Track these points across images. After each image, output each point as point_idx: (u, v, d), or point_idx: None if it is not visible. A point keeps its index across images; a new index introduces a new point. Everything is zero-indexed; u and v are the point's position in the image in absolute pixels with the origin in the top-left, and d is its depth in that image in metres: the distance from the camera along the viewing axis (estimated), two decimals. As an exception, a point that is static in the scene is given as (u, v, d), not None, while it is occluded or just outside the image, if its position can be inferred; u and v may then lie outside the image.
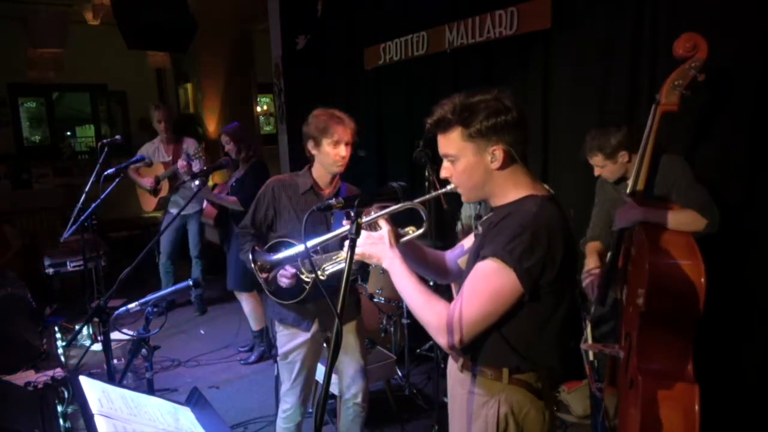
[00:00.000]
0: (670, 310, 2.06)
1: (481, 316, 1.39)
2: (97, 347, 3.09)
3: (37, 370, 2.84)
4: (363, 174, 4.13)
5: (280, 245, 2.29)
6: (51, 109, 8.66)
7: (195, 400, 1.61)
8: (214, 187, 4.31)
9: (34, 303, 3.85)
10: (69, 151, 8.72)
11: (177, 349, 4.51)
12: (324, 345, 2.70)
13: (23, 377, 2.70)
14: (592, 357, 2.52)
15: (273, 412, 2.75)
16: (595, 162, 2.53)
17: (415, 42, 4.21)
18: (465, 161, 1.44)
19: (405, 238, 1.66)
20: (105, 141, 3.69)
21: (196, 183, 3.52)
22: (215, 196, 4.03)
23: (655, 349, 2.10)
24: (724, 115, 2.55)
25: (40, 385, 2.48)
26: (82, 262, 4.65)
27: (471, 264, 1.50)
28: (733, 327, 2.59)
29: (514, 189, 1.47)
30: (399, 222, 1.68)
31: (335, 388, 2.78)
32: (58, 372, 2.72)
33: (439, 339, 1.43)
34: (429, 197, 1.67)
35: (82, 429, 1.70)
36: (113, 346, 2.29)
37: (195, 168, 4.20)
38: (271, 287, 2.35)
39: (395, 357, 3.53)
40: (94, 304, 3.24)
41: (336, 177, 2.51)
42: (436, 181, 3.27)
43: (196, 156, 4.68)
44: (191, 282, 2.18)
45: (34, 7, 6.94)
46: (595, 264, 2.61)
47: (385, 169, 4.84)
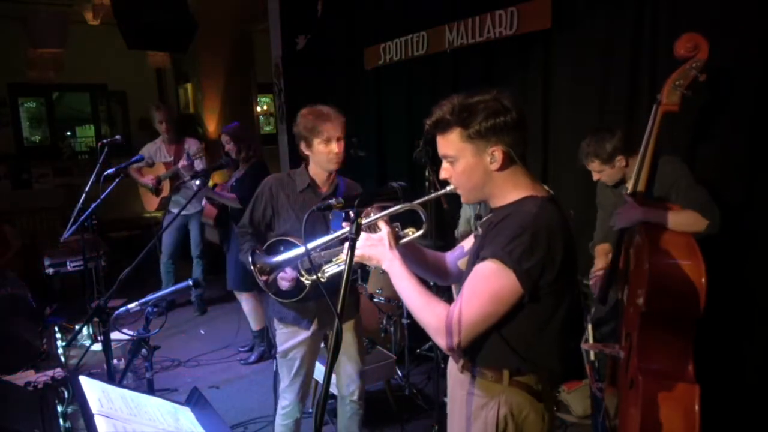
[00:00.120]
0: (670, 310, 2.07)
1: (481, 317, 1.39)
2: (97, 347, 3.08)
3: (37, 370, 2.82)
4: (363, 174, 4.13)
5: (279, 244, 2.29)
6: (51, 109, 8.65)
7: (195, 400, 1.62)
8: (214, 187, 4.31)
9: (34, 303, 3.85)
10: (69, 151, 8.71)
11: (177, 349, 4.51)
12: (323, 344, 2.70)
13: (23, 377, 2.69)
14: (592, 357, 2.53)
15: (273, 411, 2.76)
16: (593, 167, 2.53)
17: (415, 42, 4.21)
18: (464, 162, 1.44)
19: (405, 239, 1.66)
20: (105, 141, 3.68)
21: (196, 182, 3.52)
22: (215, 193, 4.03)
23: (656, 349, 2.10)
24: (724, 115, 2.55)
25: (40, 385, 2.47)
26: (82, 262, 4.65)
27: (471, 265, 1.49)
28: (733, 327, 2.59)
29: (513, 190, 1.46)
30: (399, 223, 1.67)
31: (333, 386, 2.78)
32: (58, 372, 2.71)
33: (439, 340, 1.43)
34: (429, 198, 1.67)
35: (82, 429, 1.70)
36: (113, 346, 2.29)
37: (196, 167, 4.20)
38: (272, 289, 2.34)
39: (395, 357, 3.53)
40: (94, 304, 3.23)
41: (333, 174, 2.49)
42: (436, 182, 3.27)
43: (197, 156, 4.68)
44: (191, 282, 2.18)
45: (34, 7, 6.93)
46: (604, 265, 2.61)
47: (385, 169, 4.84)
